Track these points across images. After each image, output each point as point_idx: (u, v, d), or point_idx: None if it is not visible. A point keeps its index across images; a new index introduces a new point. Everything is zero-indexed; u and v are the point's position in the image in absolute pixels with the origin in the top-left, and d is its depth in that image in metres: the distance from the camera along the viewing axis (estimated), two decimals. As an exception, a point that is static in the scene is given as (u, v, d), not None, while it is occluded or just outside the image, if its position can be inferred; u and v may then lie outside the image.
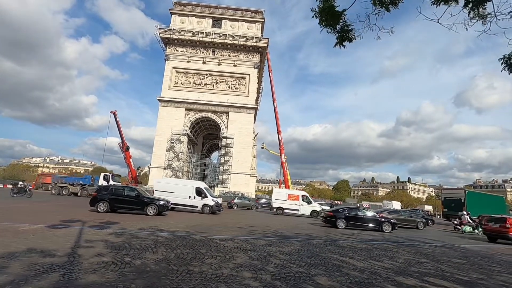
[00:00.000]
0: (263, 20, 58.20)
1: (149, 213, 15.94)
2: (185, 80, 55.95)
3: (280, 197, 29.15)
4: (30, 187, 28.73)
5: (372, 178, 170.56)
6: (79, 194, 33.74)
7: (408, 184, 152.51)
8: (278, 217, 24.76)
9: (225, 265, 6.39)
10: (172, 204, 20.40)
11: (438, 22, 4.15)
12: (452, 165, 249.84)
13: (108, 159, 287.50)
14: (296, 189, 75.19)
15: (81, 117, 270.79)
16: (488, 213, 30.30)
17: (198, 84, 55.74)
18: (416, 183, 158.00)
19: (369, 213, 18.97)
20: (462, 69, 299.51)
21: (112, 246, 7.39)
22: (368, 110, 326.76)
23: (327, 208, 37.26)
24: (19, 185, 27.33)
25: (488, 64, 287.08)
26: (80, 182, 36.27)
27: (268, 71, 59.11)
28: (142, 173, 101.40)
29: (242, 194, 44.86)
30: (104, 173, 38.26)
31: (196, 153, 63.08)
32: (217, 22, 57.64)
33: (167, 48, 56.76)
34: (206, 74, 55.98)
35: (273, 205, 29.07)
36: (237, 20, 57.69)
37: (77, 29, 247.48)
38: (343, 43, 4.81)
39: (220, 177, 52.83)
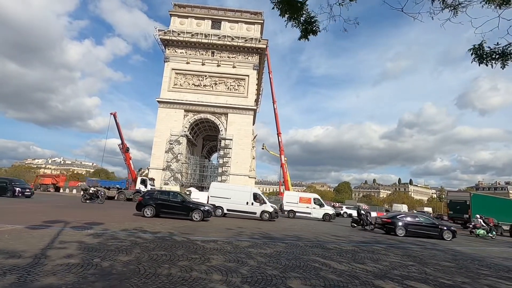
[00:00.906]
0: (262, 21, 58.13)
1: (194, 219, 15.82)
2: (184, 82, 55.92)
3: (292, 200, 28.60)
4: (102, 193, 26.40)
5: (374, 180, 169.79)
6: (116, 198, 33.98)
7: (409, 186, 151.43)
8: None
9: (197, 267, 6.18)
10: (227, 210, 20.24)
11: (402, 11, 3.95)
12: (455, 167, 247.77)
13: (110, 160, 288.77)
14: (297, 191, 74.92)
15: (84, 118, 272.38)
16: (495, 216, 29.97)
17: (197, 86, 55.68)
18: (418, 185, 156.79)
19: (429, 220, 18.25)
20: (464, 70, 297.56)
21: (85, 247, 7.21)
22: (370, 112, 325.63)
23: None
24: (91, 191, 25.42)
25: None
26: (117, 186, 36.77)
27: (268, 72, 59.05)
28: (144, 174, 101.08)
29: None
30: (141, 177, 38.43)
31: (195, 154, 62.99)
32: (216, 24, 57.66)
33: (167, 49, 56.82)
34: (205, 76, 55.93)
35: (284, 208, 28.48)
36: (237, 22, 57.65)
37: (80, 31, 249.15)
38: (308, 36, 4.61)
39: (219, 179, 52.57)
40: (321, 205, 27.90)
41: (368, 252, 10.00)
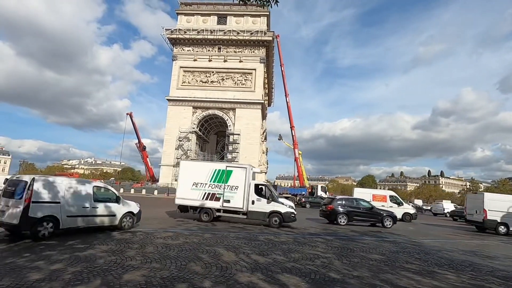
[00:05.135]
0: (268, 13, 57.10)
1: (386, 226, 16.37)
2: (192, 79, 56.53)
3: (363, 198, 26.42)
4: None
5: (401, 173, 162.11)
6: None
7: (440, 178, 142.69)
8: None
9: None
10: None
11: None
12: (498, 157, 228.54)
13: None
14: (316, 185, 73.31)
15: (116, 120, 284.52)
16: None
17: (205, 82, 56.07)
18: (450, 177, 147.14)
19: None
20: (508, 51, 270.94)
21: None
22: (400, 102, 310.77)
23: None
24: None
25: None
26: (303, 193, 38.54)
27: (280, 65, 57.75)
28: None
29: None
30: (321, 185, 39.69)
31: (207, 150, 63.65)
32: (222, 19, 57.60)
33: (174, 48, 57.75)
34: (213, 72, 56.14)
35: None
36: (242, 15, 57.25)
37: (109, 36, 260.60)
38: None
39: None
40: (399, 204, 24.43)
41: (299, 244, 9.25)
